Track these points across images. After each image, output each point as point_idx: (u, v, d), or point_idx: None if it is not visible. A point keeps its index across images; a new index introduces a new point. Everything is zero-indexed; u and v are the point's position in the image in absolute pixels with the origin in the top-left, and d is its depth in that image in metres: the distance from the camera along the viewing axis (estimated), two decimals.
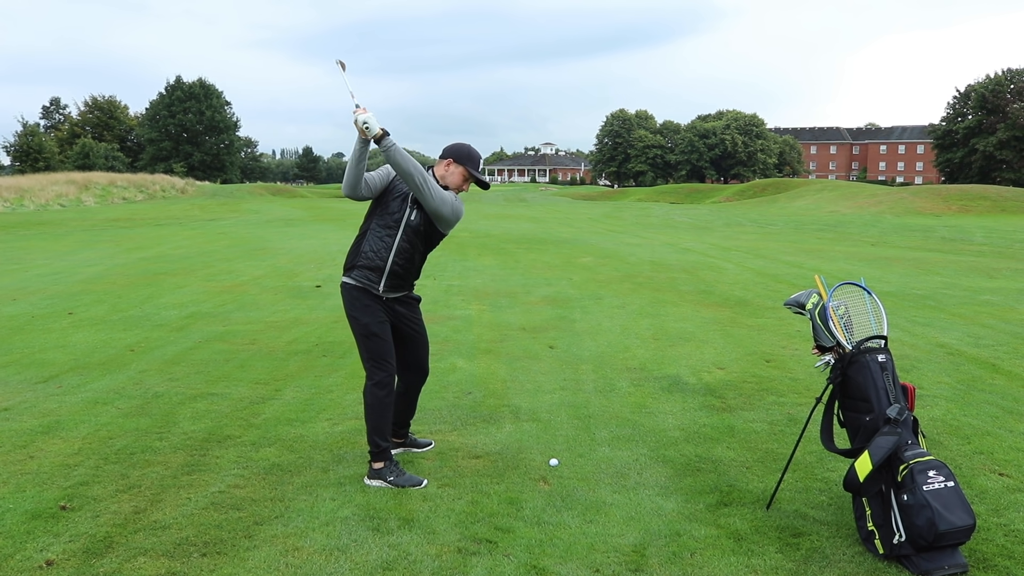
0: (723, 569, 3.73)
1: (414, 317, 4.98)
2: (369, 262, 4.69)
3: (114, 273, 15.28)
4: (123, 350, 8.34)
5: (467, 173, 4.82)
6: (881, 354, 4.08)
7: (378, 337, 4.71)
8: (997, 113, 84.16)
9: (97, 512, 4.24)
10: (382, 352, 4.72)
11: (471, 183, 4.90)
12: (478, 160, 4.85)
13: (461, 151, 4.84)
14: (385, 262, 4.68)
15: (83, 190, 50.17)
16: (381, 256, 4.68)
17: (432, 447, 5.31)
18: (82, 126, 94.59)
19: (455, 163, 4.80)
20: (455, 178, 4.80)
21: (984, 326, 9.90)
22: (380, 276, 4.70)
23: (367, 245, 4.71)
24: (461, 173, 4.81)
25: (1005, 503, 4.49)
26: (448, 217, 4.71)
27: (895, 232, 30.56)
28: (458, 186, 4.82)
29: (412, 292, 4.97)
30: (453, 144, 4.91)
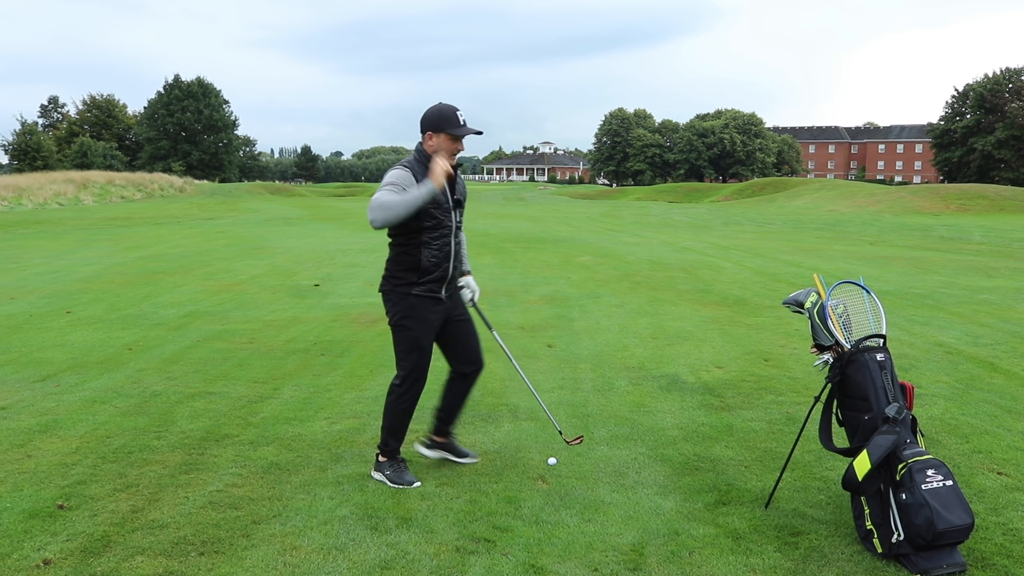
0: (721, 568, 3.72)
1: (461, 306, 4.89)
2: (433, 275, 4.58)
3: (112, 272, 15.26)
4: (121, 349, 8.33)
5: (451, 136, 4.50)
6: (880, 353, 4.07)
7: (425, 351, 4.67)
8: (995, 112, 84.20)
9: (95, 511, 4.24)
10: (423, 366, 4.71)
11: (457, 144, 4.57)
12: (453, 116, 4.50)
13: (432, 119, 4.52)
14: (447, 271, 4.62)
15: (81, 189, 50.16)
16: (442, 266, 4.59)
17: (474, 461, 5.03)
18: (80, 125, 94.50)
19: (435, 133, 4.51)
20: (445, 147, 4.52)
21: (982, 325, 9.90)
22: (443, 283, 4.64)
23: (426, 259, 4.55)
24: (446, 139, 4.50)
25: (1003, 502, 4.48)
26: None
27: (893, 231, 30.56)
28: (453, 151, 4.54)
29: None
30: (425, 113, 4.58)
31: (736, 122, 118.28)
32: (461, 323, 4.86)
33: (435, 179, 4.29)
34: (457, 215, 4.66)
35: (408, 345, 4.66)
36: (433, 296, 4.62)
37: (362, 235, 24.98)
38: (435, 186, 4.30)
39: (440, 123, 4.49)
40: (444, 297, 4.68)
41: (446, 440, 5.07)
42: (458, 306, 4.84)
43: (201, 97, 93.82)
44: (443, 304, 4.70)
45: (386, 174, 4.53)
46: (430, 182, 4.30)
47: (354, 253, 19.05)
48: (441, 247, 4.57)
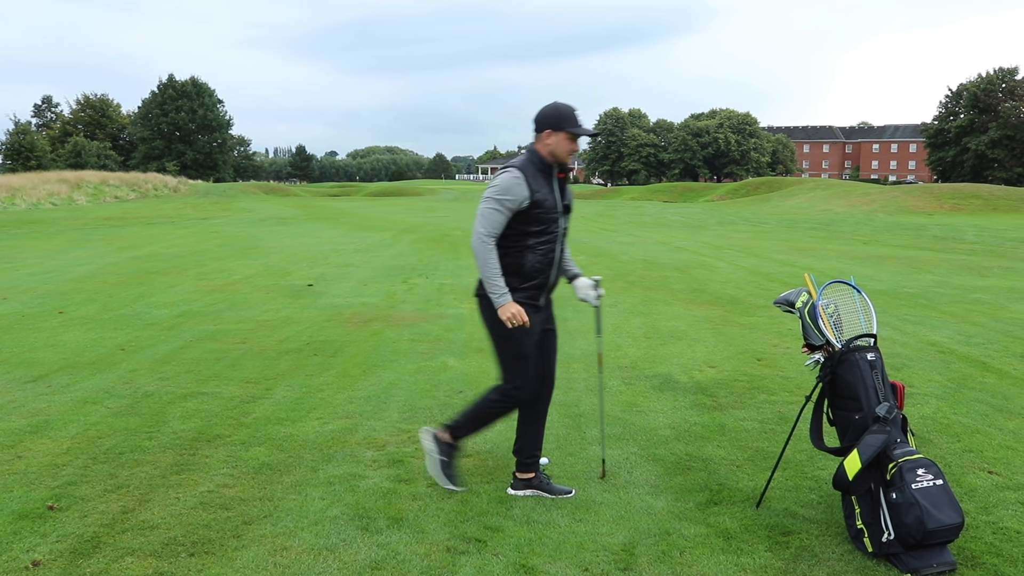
0: (712, 568, 3.72)
1: (551, 320, 4.68)
2: (535, 281, 4.37)
3: (105, 272, 15.22)
4: (113, 349, 8.31)
5: (570, 135, 4.30)
6: (871, 352, 4.08)
7: (531, 358, 4.43)
8: (989, 112, 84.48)
9: (85, 512, 4.22)
10: (530, 373, 4.44)
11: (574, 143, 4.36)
12: (573, 115, 4.31)
13: (551, 116, 4.31)
14: (549, 278, 4.44)
15: (75, 189, 50.06)
16: (545, 273, 4.39)
17: (571, 495, 4.57)
18: (74, 124, 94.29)
19: (553, 132, 4.29)
20: (561, 146, 4.30)
21: (975, 324, 9.93)
22: (543, 291, 4.45)
23: (529, 265, 4.33)
24: (565, 138, 4.29)
25: (994, 501, 4.49)
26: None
27: (887, 231, 30.61)
28: (569, 152, 4.34)
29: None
30: (540, 112, 4.36)
31: (731, 122, 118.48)
32: (549, 335, 4.65)
33: (511, 319, 4.22)
34: (564, 221, 4.44)
35: (512, 353, 4.41)
36: (532, 304, 4.41)
37: (356, 235, 24.97)
38: (506, 316, 4.21)
39: (560, 121, 4.29)
40: (542, 305, 4.49)
41: (535, 476, 4.61)
42: (550, 317, 4.65)
43: (195, 97, 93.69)
44: (540, 313, 4.49)
45: (497, 176, 4.33)
46: (508, 305, 4.21)
47: (348, 253, 19.04)
48: (546, 253, 4.37)
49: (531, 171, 4.28)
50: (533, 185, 4.23)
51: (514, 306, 4.22)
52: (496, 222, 4.24)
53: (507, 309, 4.21)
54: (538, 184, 4.26)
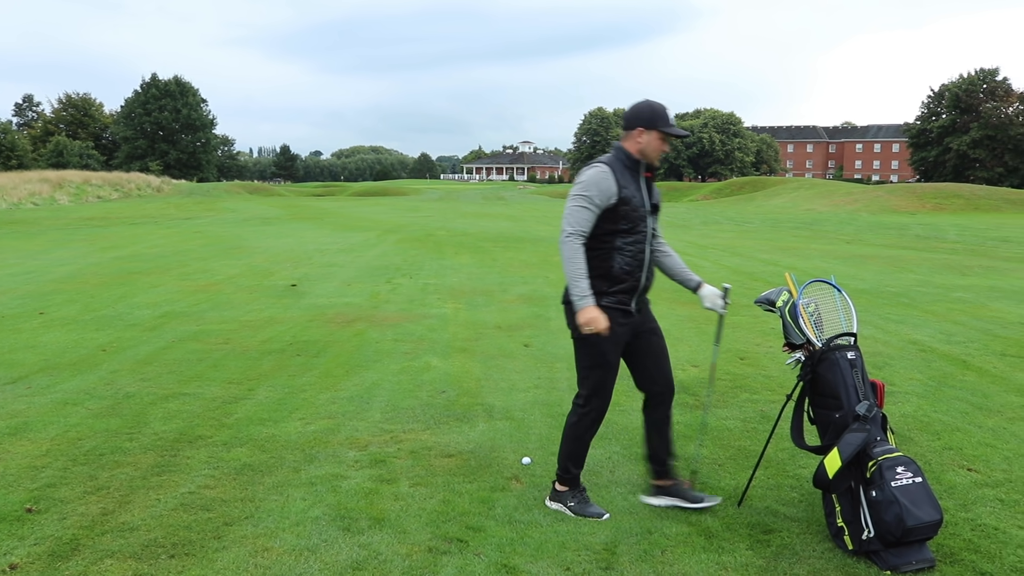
0: (694, 566, 3.73)
1: (651, 321, 4.42)
2: (624, 284, 4.18)
3: (87, 272, 15.11)
4: (95, 350, 8.25)
5: (662, 134, 4.16)
6: (851, 351, 4.10)
7: (612, 368, 4.25)
8: (970, 112, 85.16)
9: (64, 514, 4.19)
10: (608, 384, 4.28)
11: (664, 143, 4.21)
12: (666, 113, 4.17)
13: (644, 113, 4.16)
14: (640, 280, 4.22)
15: (57, 188, 49.69)
16: (635, 275, 4.19)
17: (714, 504, 4.39)
18: (56, 124, 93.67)
19: (645, 130, 4.14)
20: (653, 145, 4.16)
21: (956, 323, 10.00)
22: (634, 295, 4.24)
23: (618, 267, 4.15)
24: (657, 137, 4.15)
25: (973, 498, 4.53)
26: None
27: (870, 230, 30.79)
28: (658, 152, 4.19)
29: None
30: (631, 109, 4.23)
31: (715, 121, 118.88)
32: (653, 337, 4.39)
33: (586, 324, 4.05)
34: (652, 221, 4.26)
35: (592, 360, 4.23)
36: (622, 308, 4.20)
37: (340, 235, 24.90)
38: (582, 321, 4.04)
39: (654, 119, 4.13)
40: (634, 310, 4.26)
41: (672, 483, 4.45)
42: (649, 319, 4.39)
43: (179, 96, 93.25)
44: (632, 318, 4.26)
45: (583, 172, 4.21)
46: (588, 308, 4.04)
47: (332, 253, 18.98)
48: (635, 254, 4.17)
49: (619, 167, 4.14)
50: (621, 181, 4.10)
51: (594, 311, 4.04)
52: (583, 219, 4.08)
53: (585, 313, 4.04)
54: (625, 181, 4.12)
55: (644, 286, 4.26)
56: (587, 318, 4.03)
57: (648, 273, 4.27)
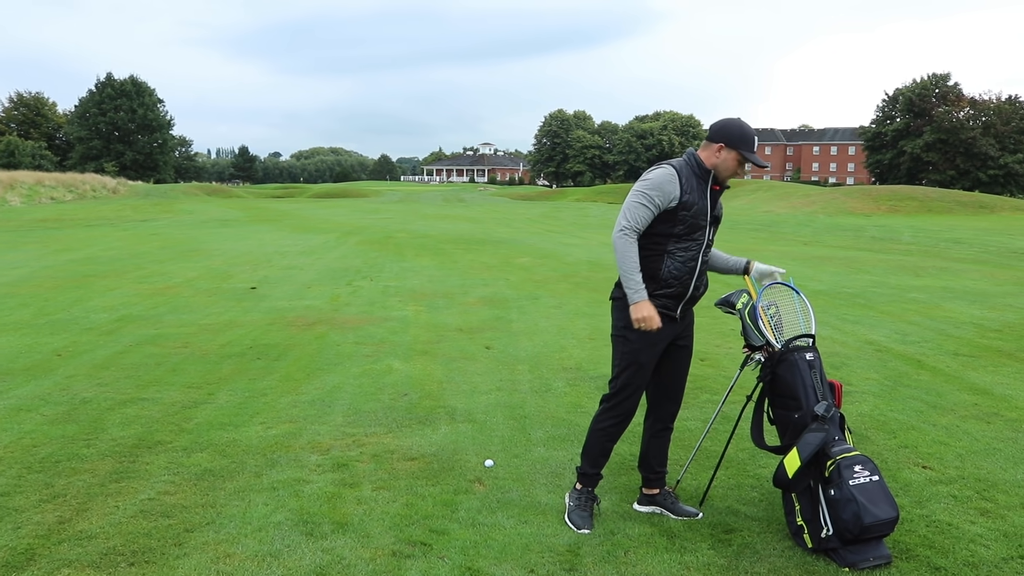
0: (656, 567, 3.77)
1: (688, 335, 4.39)
2: (671, 289, 4.12)
3: (40, 276, 14.83)
4: (49, 355, 8.10)
5: (741, 158, 4.07)
6: (809, 352, 4.17)
7: (643, 368, 4.19)
8: (923, 116, 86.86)
9: (18, 523, 4.11)
10: (639, 385, 4.23)
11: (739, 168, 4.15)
12: (753, 139, 4.08)
13: (733, 132, 4.06)
14: (688, 287, 4.15)
15: (8, 189, 48.60)
16: (684, 282, 4.13)
17: (698, 518, 4.34)
18: (6, 123, 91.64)
19: (727, 147, 4.05)
20: (728, 164, 4.08)
21: (911, 323, 10.19)
22: (680, 301, 4.18)
23: (667, 270, 4.10)
24: (735, 159, 4.07)
25: (927, 495, 4.62)
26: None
27: (827, 232, 31.26)
28: (732, 173, 4.12)
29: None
30: (721, 122, 4.15)
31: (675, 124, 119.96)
32: (683, 353, 4.34)
33: (640, 321, 4.02)
34: (711, 232, 4.17)
35: (626, 360, 4.17)
36: (667, 313, 4.14)
37: (300, 236, 24.70)
38: (637, 317, 4.01)
39: (739, 141, 4.05)
40: (678, 317, 4.20)
41: (659, 492, 4.44)
42: (687, 332, 4.34)
43: (135, 96, 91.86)
44: (675, 325, 4.21)
45: (650, 171, 4.17)
46: (643, 304, 4.01)
47: (292, 255, 18.83)
48: (686, 260, 4.10)
49: (687, 172, 4.07)
50: (685, 186, 4.04)
51: (649, 307, 4.01)
52: (640, 217, 4.03)
53: (640, 309, 4.00)
54: (690, 187, 4.05)
55: (692, 295, 4.20)
56: (642, 315, 4.01)
57: (698, 282, 4.20)
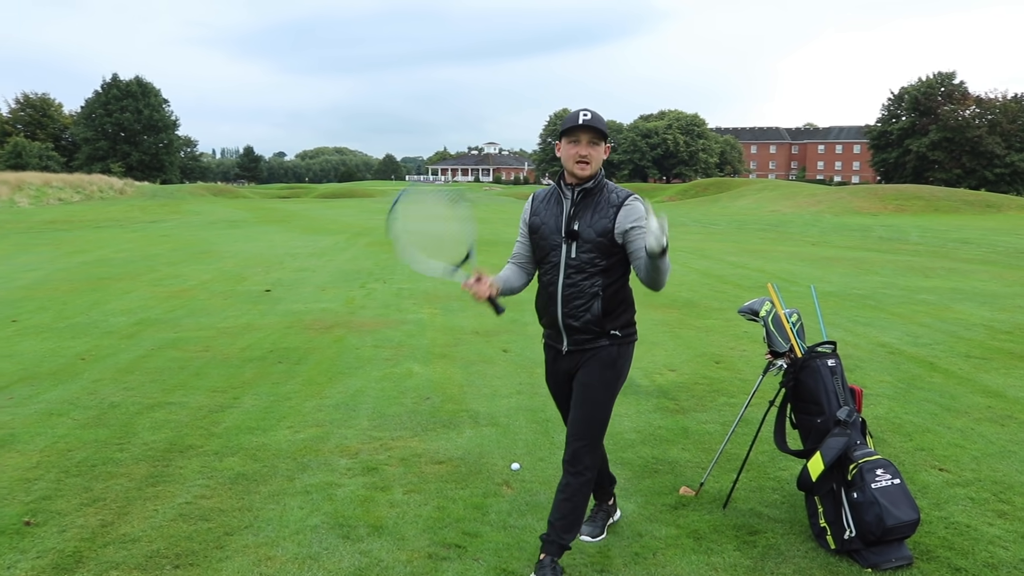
0: (684, 568, 3.87)
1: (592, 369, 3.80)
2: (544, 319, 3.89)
3: (56, 278, 14.97)
4: (73, 359, 8.23)
5: (568, 138, 3.66)
6: (831, 358, 4.27)
7: (554, 399, 4.13)
8: (929, 115, 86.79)
9: (63, 527, 4.23)
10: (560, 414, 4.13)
11: (573, 145, 3.64)
12: (573, 116, 3.62)
13: (563, 125, 3.67)
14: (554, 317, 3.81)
15: (16, 191, 48.84)
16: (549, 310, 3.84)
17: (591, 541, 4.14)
18: (13, 124, 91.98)
19: (561, 140, 3.70)
20: (565, 153, 3.69)
21: (921, 325, 10.27)
22: (557, 331, 3.84)
23: (537, 299, 3.90)
24: (565, 143, 3.68)
25: (945, 497, 4.72)
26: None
27: (835, 231, 31.31)
28: (572, 160, 3.66)
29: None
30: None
31: (679, 123, 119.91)
32: (578, 386, 3.77)
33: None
34: (573, 249, 3.66)
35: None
36: (551, 343, 3.91)
37: (309, 238, 24.83)
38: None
39: (563, 126, 3.68)
40: (563, 349, 3.78)
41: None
42: (589, 368, 3.73)
43: (140, 97, 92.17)
44: (564, 357, 3.81)
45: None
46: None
47: (303, 257, 18.95)
48: (546, 286, 3.78)
49: (547, 192, 3.88)
50: (537, 207, 3.88)
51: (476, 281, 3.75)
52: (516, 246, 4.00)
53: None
54: (543, 207, 3.84)
55: (565, 325, 3.72)
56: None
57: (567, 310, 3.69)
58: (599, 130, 3.60)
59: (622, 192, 3.69)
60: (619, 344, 3.75)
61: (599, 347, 3.72)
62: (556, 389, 4.01)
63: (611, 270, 3.67)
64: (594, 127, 3.59)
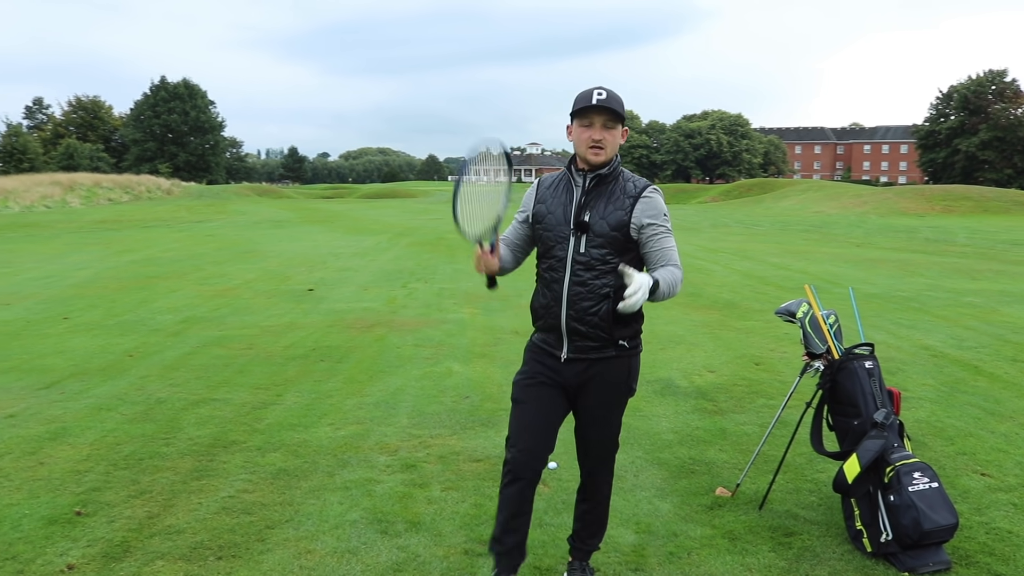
0: (719, 568, 3.89)
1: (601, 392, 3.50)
2: (540, 321, 3.55)
3: (105, 277, 15.33)
4: (121, 355, 8.44)
5: (580, 121, 3.28)
6: (868, 360, 4.26)
7: (521, 408, 3.52)
8: (979, 114, 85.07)
9: (112, 517, 4.37)
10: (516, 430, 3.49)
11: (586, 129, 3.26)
12: (586, 96, 3.26)
13: (574, 105, 3.30)
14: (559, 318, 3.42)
15: (68, 191, 49.99)
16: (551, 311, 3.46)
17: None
18: (66, 126, 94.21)
19: (573, 122, 3.32)
20: (577, 137, 3.31)
21: (967, 328, 10.12)
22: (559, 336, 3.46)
23: (535, 298, 3.60)
24: (577, 126, 3.30)
25: (987, 502, 4.67)
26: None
27: (879, 233, 30.88)
28: (585, 145, 3.28)
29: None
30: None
31: (722, 123, 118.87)
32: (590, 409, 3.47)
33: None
34: (583, 243, 3.30)
35: (512, 395, 3.51)
36: (548, 350, 3.46)
37: (352, 238, 25.10)
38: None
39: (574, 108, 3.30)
40: (562, 357, 3.39)
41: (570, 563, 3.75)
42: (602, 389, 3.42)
43: (187, 99, 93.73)
44: (562, 366, 3.40)
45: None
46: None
47: (346, 257, 19.17)
48: (549, 283, 3.41)
49: (553, 178, 3.54)
50: (542, 194, 3.52)
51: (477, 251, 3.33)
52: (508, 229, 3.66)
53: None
54: (549, 194, 3.50)
55: (570, 327, 3.35)
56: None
57: (572, 311, 3.33)
58: (615, 112, 3.23)
59: (640, 182, 3.33)
60: (629, 356, 3.40)
61: (605, 359, 3.35)
62: (534, 395, 3.43)
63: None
64: (609, 108, 3.21)
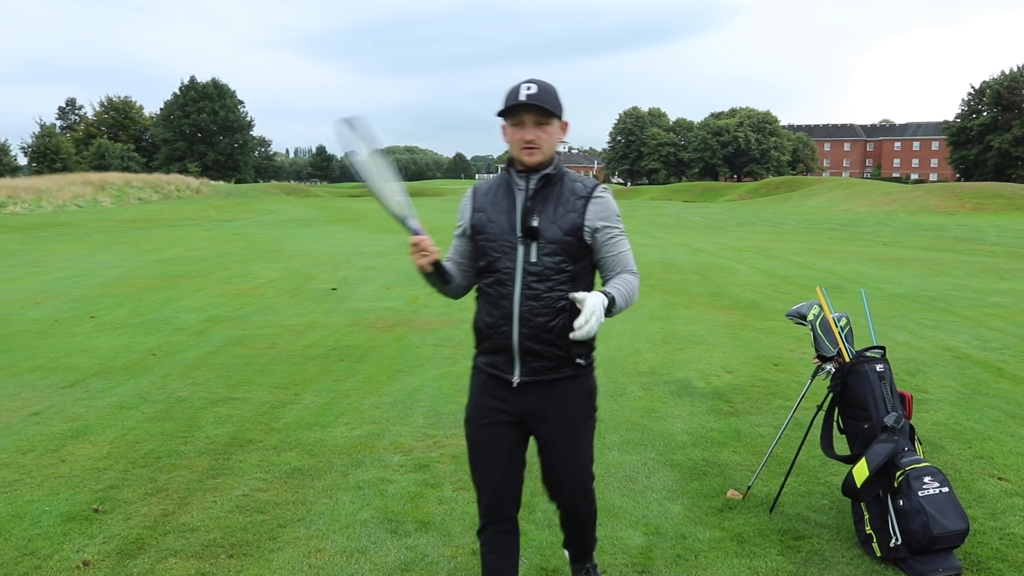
0: (726, 571, 3.89)
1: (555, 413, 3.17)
2: (487, 343, 3.12)
3: (132, 276, 15.53)
4: (145, 354, 8.56)
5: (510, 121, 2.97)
6: (880, 364, 4.24)
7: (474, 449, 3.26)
8: (1012, 110, 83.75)
9: (128, 515, 4.45)
10: (473, 473, 3.30)
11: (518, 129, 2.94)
12: (512, 92, 2.93)
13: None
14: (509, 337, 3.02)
15: (99, 191, 50.60)
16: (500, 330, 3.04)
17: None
18: (97, 126, 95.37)
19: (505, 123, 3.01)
20: (510, 138, 3.00)
21: (992, 329, 10.00)
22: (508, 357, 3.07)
23: (479, 316, 3.13)
24: (508, 126, 2.99)
25: (1002, 507, 4.63)
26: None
27: (908, 231, 30.55)
28: (518, 145, 2.95)
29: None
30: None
31: (751, 120, 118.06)
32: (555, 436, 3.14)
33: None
34: (533, 251, 2.95)
35: (466, 433, 3.25)
36: (493, 374, 3.09)
37: (377, 237, 25.22)
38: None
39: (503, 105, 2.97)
40: (514, 382, 3.04)
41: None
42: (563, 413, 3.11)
43: (216, 98, 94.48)
44: (514, 395, 3.05)
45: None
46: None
47: (371, 256, 19.27)
48: (495, 300, 3.01)
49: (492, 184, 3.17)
50: (480, 202, 3.13)
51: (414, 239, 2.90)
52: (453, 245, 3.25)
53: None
54: (488, 201, 3.11)
55: (522, 347, 2.98)
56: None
57: (526, 329, 2.96)
58: (546, 109, 2.91)
59: (587, 181, 3.09)
60: (587, 374, 3.15)
61: (561, 380, 3.05)
62: (486, 435, 3.12)
63: (580, 277, 3.02)
64: (537, 106, 2.89)
